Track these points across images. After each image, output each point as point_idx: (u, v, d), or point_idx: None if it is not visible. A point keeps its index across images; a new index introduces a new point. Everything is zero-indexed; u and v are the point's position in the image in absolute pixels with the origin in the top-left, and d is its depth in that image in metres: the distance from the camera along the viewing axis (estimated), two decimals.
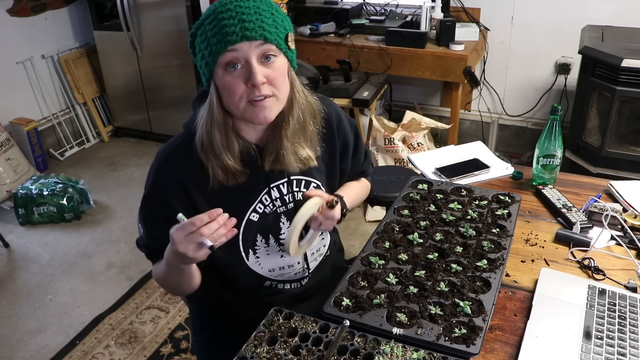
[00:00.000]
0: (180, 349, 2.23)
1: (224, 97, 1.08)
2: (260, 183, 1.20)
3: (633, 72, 2.50)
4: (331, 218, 1.19)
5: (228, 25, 1.01)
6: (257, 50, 1.04)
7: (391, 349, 1.00)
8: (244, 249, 1.23)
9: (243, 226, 1.21)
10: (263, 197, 1.21)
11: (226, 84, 1.05)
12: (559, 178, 1.63)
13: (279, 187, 1.23)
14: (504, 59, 3.53)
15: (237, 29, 1.01)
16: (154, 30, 3.70)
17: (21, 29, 3.60)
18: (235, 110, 1.09)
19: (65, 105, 4.00)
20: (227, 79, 1.05)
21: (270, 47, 1.05)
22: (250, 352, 1.01)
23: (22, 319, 2.43)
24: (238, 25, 1.01)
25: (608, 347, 1.02)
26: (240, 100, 1.06)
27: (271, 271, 1.29)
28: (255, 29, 1.02)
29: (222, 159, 1.11)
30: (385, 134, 3.13)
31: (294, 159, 1.19)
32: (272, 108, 1.09)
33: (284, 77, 1.09)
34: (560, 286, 1.19)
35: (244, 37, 1.02)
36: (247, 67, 1.04)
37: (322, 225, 1.20)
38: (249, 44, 1.02)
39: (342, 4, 3.68)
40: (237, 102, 1.07)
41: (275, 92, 1.08)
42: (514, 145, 3.73)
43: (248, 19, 1.02)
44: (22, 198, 3.08)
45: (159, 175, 1.16)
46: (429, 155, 1.87)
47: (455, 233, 1.32)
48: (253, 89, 1.04)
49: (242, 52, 1.03)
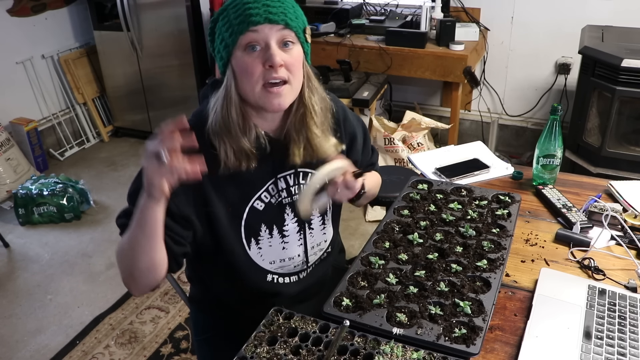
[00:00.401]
0: (180, 349, 2.23)
1: (240, 80, 1.09)
2: (267, 172, 1.21)
3: (633, 72, 2.50)
4: (351, 188, 1.16)
5: (252, 8, 1.05)
6: (277, 34, 1.07)
7: (391, 349, 1.00)
8: (246, 237, 1.23)
9: (246, 213, 1.21)
10: (270, 186, 1.22)
11: (244, 65, 1.07)
12: (559, 178, 1.63)
13: (285, 178, 1.24)
14: (504, 59, 3.53)
15: (261, 11, 1.05)
16: (154, 30, 3.70)
17: (21, 29, 3.60)
18: (251, 94, 1.10)
19: (65, 105, 4.00)
20: (245, 59, 1.07)
21: (290, 33, 1.08)
22: (250, 352, 1.01)
23: (22, 319, 2.43)
24: (262, 8, 1.05)
25: (608, 347, 1.02)
26: (256, 83, 1.08)
27: (272, 263, 1.29)
28: (278, 13, 1.06)
29: (238, 141, 1.12)
30: (385, 134, 3.13)
31: (327, 146, 1.21)
32: (287, 95, 1.11)
33: (299, 66, 1.12)
34: (560, 286, 1.19)
35: (267, 20, 1.05)
36: (266, 49, 1.06)
37: (339, 193, 1.17)
38: (271, 26, 1.06)
39: (342, 4, 3.68)
40: (253, 85, 1.08)
41: (290, 78, 1.10)
42: (514, 145, 3.73)
43: (272, 4, 1.06)
44: (22, 198, 3.08)
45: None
46: (429, 155, 1.87)
47: (455, 233, 1.32)
48: (270, 71, 1.06)
49: (262, 34, 1.06)
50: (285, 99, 1.11)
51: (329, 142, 1.23)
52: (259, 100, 1.10)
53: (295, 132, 1.18)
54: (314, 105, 1.18)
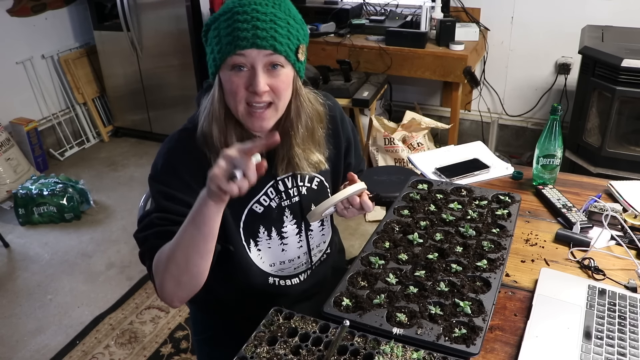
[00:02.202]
0: (180, 349, 2.23)
1: (226, 95, 1.10)
2: (266, 175, 1.20)
3: (633, 72, 2.50)
4: (366, 209, 1.20)
5: (241, 29, 1.02)
6: (265, 59, 1.05)
7: (391, 349, 1.00)
8: (245, 239, 1.24)
9: (245, 215, 1.22)
10: (268, 189, 1.23)
11: (230, 84, 1.07)
12: (559, 178, 1.63)
13: (284, 180, 1.24)
14: (504, 59, 3.53)
15: (249, 35, 1.02)
16: (154, 30, 3.70)
17: (21, 29, 3.60)
18: (235, 112, 1.10)
19: (65, 105, 4.00)
20: (232, 79, 1.06)
21: (278, 57, 1.06)
22: (250, 352, 1.01)
23: (22, 319, 2.43)
24: (251, 32, 1.02)
25: (608, 347, 1.02)
26: (240, 102, 1.08)
27: (272, 265, 1.30)
28: (267, 38, 1.03)
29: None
30: (385, 134, 3.13)
31: (306, 164, 1.21)
32: (271, 118, 1.11)
33: (287, 87, 1.10)
34: (560, 286, 1.19)
35: (254, 45, 1.03)
36: (252, 72, 1.05)
37: (349, 210, 1.21)
38: (258, 51, 1.04)
39: (342, 4, 3.68)
40: (237, 104, 1.08)
41: (275, 101, 1.09)
42: (514, 145, 3.73)
43: (262, 26, 1.03)
44: (22, 198, 3.08)
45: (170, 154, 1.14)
46: (429, 155, 1.87)
47: (455, 233, 1.32)
48: (254, 95, 1.06)
49: (250, 58, 1.04)
50: (269, 122, 1.10)
51: (311, 159, 1.22)
52: (243, 120, 1.10)
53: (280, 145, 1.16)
54: (299, 124, 1.17)
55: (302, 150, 1.20)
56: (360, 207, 1.20)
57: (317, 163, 1.24)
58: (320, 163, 1.25)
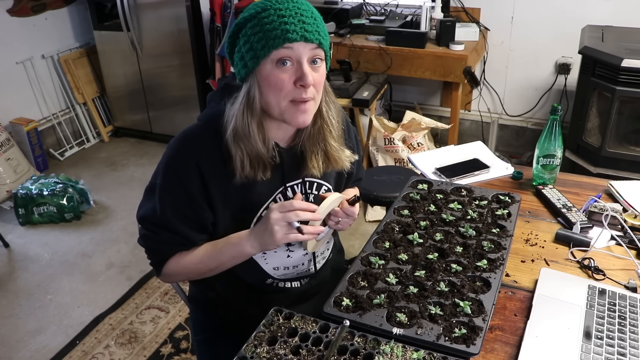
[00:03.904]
0: (180, 349, 2.23)
1: (266, 92, 1.08)
2: (276, 181, 1.21)
3: (633, 72, 2.50)
4: (351, 215, 1.24)
5: (289, 23, 1.03)
6: (310, 52, 1.06)
7: (391, 349, 1.00)
8: None
9: (254, 222, 1.22)
10: (277, 196, 1.23)
11: (274, 79, 1.06)
12: (559, 178, 1.63)
13: (293, 187, 1.24)
14: (504, 59, 3.53)
15: (298, 28, 1.03)
16: (154, 30, 3.70)
17: (21, 29, 3.60)
18: (276, 107, 1.09)
19: (65, 105, 4.00)
20: (276, 74, 1.06)
21: (321, 52, 1.08)
22: (250, 352, 1.01)
23: (22, 319, 2.43)
24: (299, 25, 1.04)
25: (608, 347, 1.02)
26: (284, 98, 1.08)
27: (276, 269, 1.30)
28: (314, 32, 1.05)
29: (258, 150, 1.12)
30: (385, 134, 3.13)
31: (343, 157, 1.24)
32: (311, 112, 1.12)
33: (323, 84, 1.13)
34: (560, 286, 1.19)
35: (303, 37, 1.04)
36: (298, 66, 1.06)
37: (341, 222, 1.25)
38: (305, 45, 1.05)
39: (342, 4, 3.67)
40: (280, 99, 1.08)
41: (316, 96, 1.11)
42: (514, 145, 3.73)
43: (307, 21, 1.05)
44: (22, 198, 3.08)
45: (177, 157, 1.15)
46: (429, 155, 1.87)
47: (455, 233, 1.32)
48: (301, 89, 1.06)
49: (297, 51, 1.05)
50: (310, 116, 1.12)
51: (345, 153, 1.25)
52: (284, 115, 1.10)
53: (312, 145, 1.19)
54: (331, 119, 1.19)
55: (339, 144, 1.23)
56: (346, 215, 1.24)
57: (349, 157, 1.27)
58: (351, 156, 1.28)
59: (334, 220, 1.24)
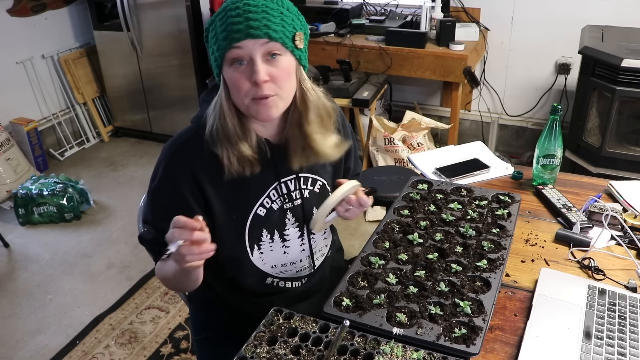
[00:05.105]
0: (180, 349, 2.23)
1: (232, 92, 1.10)
2: (269, 177, 1.21)
3: (633, 72, 2.50)
4: (364, 205, 1.23)
5: (234, 23, 1.04)
6: (261, 48, 1.05)
7: (391, 349, 1.00)
8: (250, 244, 1.24)
9: (250, 220, 1.21)
10: (271, 192, 1.22)
11: (232, 80, 1.08)
12: (559, 178, 1.63)
13: (287, 183, 1.24)
14: (504, 59, 3.53)
15: (242, 27, 1.03)
16: (154, 30, 3.70)
17: (21, 29, 3.60)
18: (241, 106, 1.11)
19: (65, 105, 4.00)
20: (233, 75, 1.07)
21: (274, 45, 1.06)
22: (250, 352, 1.01)
23: (22, 319, 2.43)
24: (244, 24, 1.03)
25: (608, 347, 1.02)
26: (244, 97, 1.08)
27: (273, 267, 1.29)
28: (260, 27, 1.04)
29: (239, 148, 1.12)
30: (385, 134, 3.13)
31: (327, 147, 1.21)
32: (276, 106, 1.10)
33: (288, 76, 1.10)
34: (560, 286, 1.19)
35: (249, 35, 1.03)
36: (251, 63, 1.05)
37: (350, 211, 1.24)
38: (254, 41, 1.04)
39: (342, 4, 3.67)
40: (242, 98, 1.08)
41: (278, 92, 1.09)
42: (514, 145, 3.73)
43: (254, 17, 1.04)
44: (22, 198, 3.08)
45: (170, 164, 1.15)
46: (429, 155, 1.87)
47: (455, 233, 1.32)
48: (256, 87, 1.06)
49: (246, 49, 1.05)
50: (275, 110, 1.10)
51: (329, 142, 1.22)
52: (250, 112, 1.10)
53: (293, 137, 1.18)
54: (308, 109, 1.17)
55: (321, 135, 1.19)
56: (359, 204, 1.22)
57: (337, 145, 1.23)
58: (341, 144, 1.25)
59: (344, 207, 1.23)
